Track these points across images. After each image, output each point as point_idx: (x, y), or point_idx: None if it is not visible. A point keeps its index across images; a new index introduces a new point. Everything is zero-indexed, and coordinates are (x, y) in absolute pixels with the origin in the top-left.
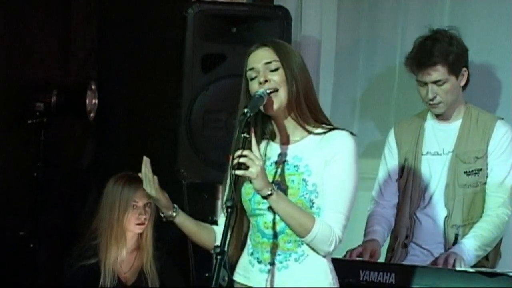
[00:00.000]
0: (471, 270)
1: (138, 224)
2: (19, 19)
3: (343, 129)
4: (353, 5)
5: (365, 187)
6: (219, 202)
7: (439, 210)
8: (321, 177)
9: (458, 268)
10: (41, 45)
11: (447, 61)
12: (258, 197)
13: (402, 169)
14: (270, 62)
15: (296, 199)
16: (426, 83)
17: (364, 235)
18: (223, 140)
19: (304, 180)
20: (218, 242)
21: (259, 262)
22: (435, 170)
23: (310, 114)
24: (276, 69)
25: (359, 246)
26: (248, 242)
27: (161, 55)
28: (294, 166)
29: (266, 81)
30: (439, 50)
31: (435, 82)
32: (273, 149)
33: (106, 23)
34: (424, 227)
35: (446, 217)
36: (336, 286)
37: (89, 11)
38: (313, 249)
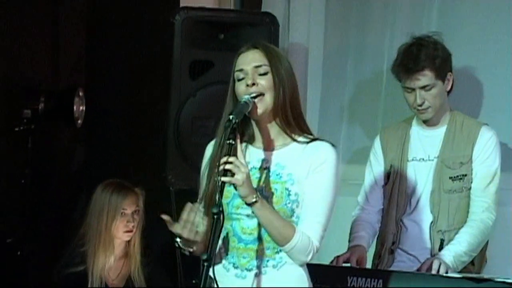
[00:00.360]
0: (457, 275)
1: (126, 231)
2: (7, 24)
3: (325, 140)
4: (341, 12)
5: (351, 193)
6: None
7: (425, 215)
8: (303, 186)
9: (444, 274)
10: (28, 51)
11: (434, 65)
12: (237, 202)
13: (388, 175)
14: (259, 66)
15: (279, 207)
16: (413, 89)
17: (349, 241)
18: None
19: (287, 189)
20: None
21: (235, 267)
22: (420, 176)
23: (294, 121)
24: (264, 73)
25: (345, 252)
26: (221, 245)
27: (149, 61)
28: (277, 174)
29: (253, 84)
30: (425, 55)
31: (423, 88)
32: (253, 153)
33: (94, 29)
34: (411, 233)
35: (431, 222)
36: None
37: (77, 17)
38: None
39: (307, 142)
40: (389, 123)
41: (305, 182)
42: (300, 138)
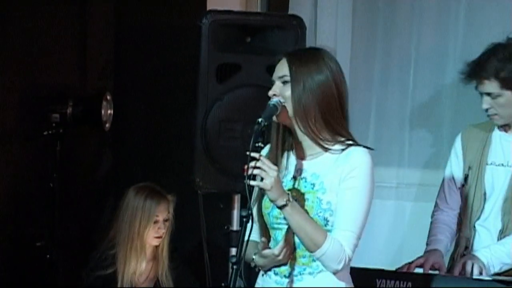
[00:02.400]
0: (487, 278)
1: (156, 237)
2: (35, 30)
3: (360, 145)
4: (368, 14)
5: (378, 195)
6: (235, 212)
7: (496, 222)
8: (336, 194)
9: (474, 276)
10: (57, 56)
11: (497, 77)
12: (276, 211)
13: (466, 177)
14: (281, 77)
15: (311, 217)
16: (482, 93)
17: (427, 244)
18: (238, 149)
19: (318, 198)
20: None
21: (276, 274)
22: (497, 182)
23: (327, 130)
24: (285, 82)
25: (420, 257)
26: None
27: (176, 65)
28: (311, 184)
29: (274, 95)
30: (491, 65)
31: (488, 94)
32: (292, 161)
33: (122, 34)
34: (482, 238)
35: (500, 230)
36: None
37: (105, 22)
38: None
39: (342, 150)
40: (417, 125)
41: (338, 189)
42: (335, 147)
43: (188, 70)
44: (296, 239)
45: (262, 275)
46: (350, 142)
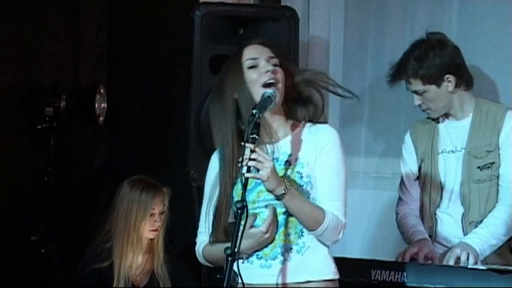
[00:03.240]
0: (482, 267)
1: (152, 230)
2: (29, 23)
3: (323, 122)
4: (361, 5)
5: (368, 186)
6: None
7: (457, 208)
8: (313, 169)
9: (470, 266)
10: (50, 49)
11: (417, 75)
12: (252, 196)
13: (419, 169)
14: (273, 57)
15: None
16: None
17: (409, 235)
18: None
19: (298, 172)
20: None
21: (259, 258)
22: (450, 168)
23: (295, 109)
24: (276, 65)
25: (410, 247)
26: None
27: (170, 57)
28: (286, 161)
29: (274, 71)
30: (409, 65)
31: (415, 92)
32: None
33: (115, 26)
34: (445, 225)
35: (463, 214)
36: (337, 275)
37: (98, 15)
38: (314, 240)
39: (309, 127)
40: (410, 115)
41: (315, 165)
42: (301, 124)
43: (182, 62)
44: (279, 220)
45: (242, 262)
46: (312, 120)
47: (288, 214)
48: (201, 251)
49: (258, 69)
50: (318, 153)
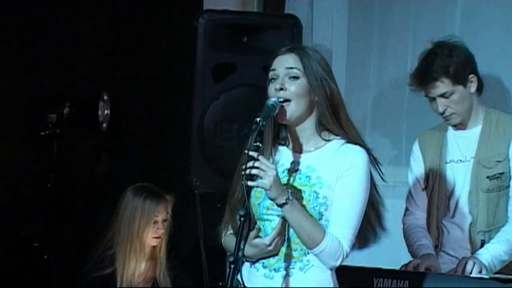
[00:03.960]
0: (485, 276)
1: (155, 237)
2: (31, 30)
3: (357, 143)
4: (364, 13)
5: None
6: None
7: (464, 217)
8: (332, 190)
9: (473, 275)
10: (53, 56)
11: (448, 73)
12: (267, 203)
13: (427, 179)
14: (291, 68)
15: (306, 210)
16: (434, 98)
17: (414, 249)
18: (235, 149)
19: (315, 192)
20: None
21: (264, 267)
22: (458, 178)
23: (328, 124)
24: (295, 77)
25: (413, 260)
26: None
27: (173, 65)
28: (307, 177)
29: (281, 89)
30: (438, 64)
31: (442, 95)
32: (286, 155)
33: (118, 34)
34: (452, 235)
35: (471, 223)
36: None
37: (100, 22)
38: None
39: (339, 145)
40: (413, 124)
41: (335, 186)
42: (333, 142)
43: (185, 70)
44: (288, 232)
45: (250, 266)
46: (347, 138)
47: None
48: (222, 242)
49: (275, 83)
50: (341, 174)
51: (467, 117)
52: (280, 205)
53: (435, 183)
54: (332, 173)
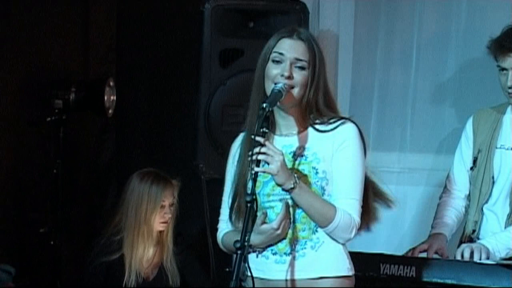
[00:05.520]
0: (491, 262)
1: (162, 222)
2: (37, 16)
3: (345, 118)
4: None
5: (381, 181)
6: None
7: (504, 207)
8: (330, 164)
9: (478, 260)
10: (59, 42)
11: None
12: (267, 189)
13: (475, 160)
14: (300, 60)
15: (309, 187)
16: (506, 69)
17: (432, 226)
18: None
19: (314, 168)
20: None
21: (274, 253)
22: (506, 165)
23: (324, 109)
24: (301, 68)
25: (423, 242)
26: None
27: (179, 50)
28: (302, 156)
29: (289, 77)
30: None
31: None
32: (277, 141)
33: (124, 19)
34: (490, 223)
35: (508, 214)
36: (352, 272)
37: (107, 7)
38: (329, 235)
39: (328, 123)
40: (417, 110)
41: (332, 161)
42: (320, 119)
43: (191, 55)
44: (293, 215)
45: (257, 256)
46: (334, 115)
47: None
48: (220, 239)
49: (279, 67)
50: (335, 148)
51: None
52: (289, 190)
53: (481, 165)
54: (327, 148)
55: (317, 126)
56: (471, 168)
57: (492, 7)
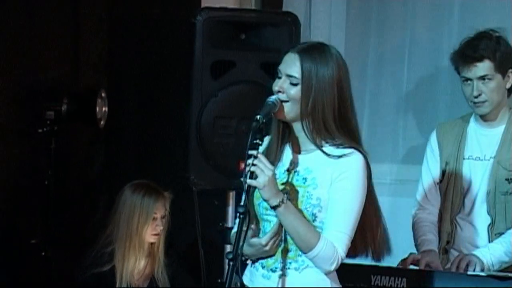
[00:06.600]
0: (482, 274)
1: (154, 234)
2: (29, 26)
3: (353, 147)
4: (362, 11)
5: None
6: (230, 209)
7: (481, 217)
8: (327, 192)
9: (469, 272)
10: (51, 53)
11: (494, 57)
12: (266, 203)
13: (443, 172)
14: (291, 76)
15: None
16: (471, 80)
17: (418, 245)
18: (233, 146)
19: (308, 192)
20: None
21: (263, 267)
22: (476, 176)
23: (325, 130)
24: (295, 84)
25: (411, 254)
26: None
27: (171, 62)
28: (303, 178)
29: (279, 91)
30: (486, 45)
31: (481, 78)
32: (287, 154)
33: (115, 29)
34: (464, 232)
35: (489, 224)
36: None
37: (98, 18)
38: None
39: (336, 148)
40: (411, 121)
41: (330, 188)
42: (329, 145)
43: (183, 67)
44: (286, 234)
45: (251, 266)
46: (345, 143)
47: None
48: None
49: (276, 83)
50: (335, 177)
51: (496, 112)
52: (273, 207)
53: (451, 178)
54: (326, 176)
55: (325, 149)
56: (440, 181)
57: (484, 17)
